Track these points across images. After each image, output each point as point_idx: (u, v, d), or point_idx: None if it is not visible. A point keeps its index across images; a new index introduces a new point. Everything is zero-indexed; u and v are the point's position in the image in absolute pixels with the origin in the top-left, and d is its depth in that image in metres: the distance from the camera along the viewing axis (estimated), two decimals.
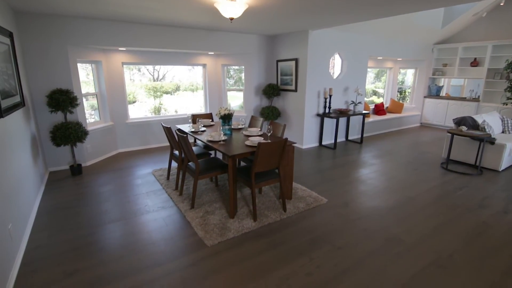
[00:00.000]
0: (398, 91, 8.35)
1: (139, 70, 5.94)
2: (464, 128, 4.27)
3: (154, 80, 6.13)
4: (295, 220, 2.81)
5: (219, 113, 3.35)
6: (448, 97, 7.64)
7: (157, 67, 6.07)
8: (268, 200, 3.20)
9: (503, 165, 4.27)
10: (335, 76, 5.83)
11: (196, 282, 1.97)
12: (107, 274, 2.05)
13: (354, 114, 5.67)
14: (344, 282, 1.98)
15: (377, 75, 8.40)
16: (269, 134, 3.19)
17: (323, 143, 5.87)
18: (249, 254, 2.29)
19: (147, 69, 6.05)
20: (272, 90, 5.74)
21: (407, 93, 8.50)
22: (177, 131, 3.12)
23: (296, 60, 5.34)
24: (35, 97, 3.87)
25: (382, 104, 7.49)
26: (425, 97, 8.00)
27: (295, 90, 5.53)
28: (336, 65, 6.17)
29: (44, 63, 3.85)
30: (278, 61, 5.82)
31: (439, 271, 2.10)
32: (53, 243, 2.43)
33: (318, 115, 5.59)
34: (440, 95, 7.96)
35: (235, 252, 2.30)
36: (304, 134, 5.53)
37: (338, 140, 6.16)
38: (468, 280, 2.02)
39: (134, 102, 5.83)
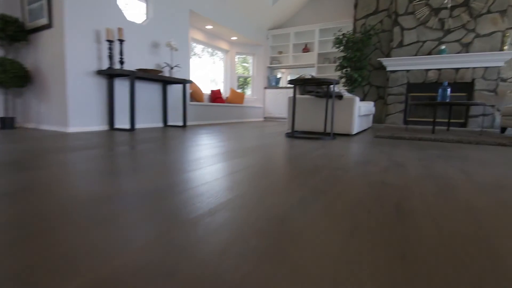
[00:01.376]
0: (238, 83, 7.19)
1: None
2: (308, 75, 2.98)
3: None
4: None
5: None
6: (287, 87, 7.02)
7: None
8: None
9: (355, 128, 3.22)
10: (137, 20, 3.69)
11: None
12: None
13: (170, 81, 3.68)
14: None
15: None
16: None
17: (118, 125, 3.51)
18: None
19: None
20: (4, 26, 3.00)
21: (249, 85, 7.48)
22: None
23: None
24: None
25: (219, 91, 5.97)
26: (265, 88, 7.14)
27: (50, 26, 3.01)
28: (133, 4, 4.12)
29: None
30: None
31: None
32: None
33: (100, 72, 3.22)
34: (280, 86, 7.30)
35: None
36: (69, 106, 3.00)
37: (151, 124, 3.97)
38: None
39: None
